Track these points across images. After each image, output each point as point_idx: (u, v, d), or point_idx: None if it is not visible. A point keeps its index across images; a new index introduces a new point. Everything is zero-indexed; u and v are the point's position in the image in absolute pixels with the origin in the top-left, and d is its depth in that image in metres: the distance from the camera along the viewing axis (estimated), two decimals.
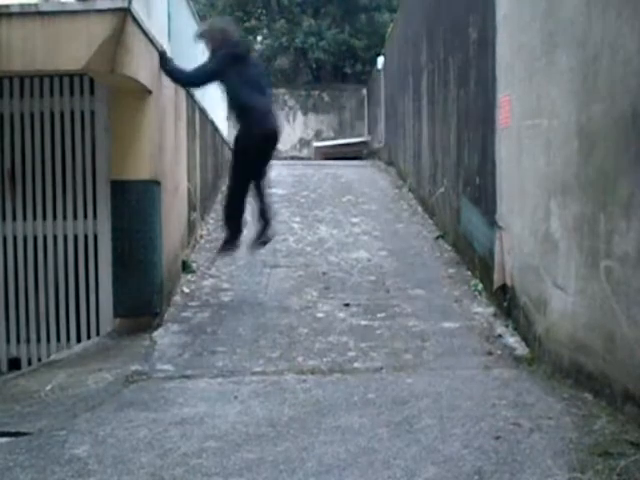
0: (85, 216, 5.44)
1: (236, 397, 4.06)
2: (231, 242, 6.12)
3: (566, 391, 3.89)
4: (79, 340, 5.41)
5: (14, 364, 5.40)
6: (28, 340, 5.44)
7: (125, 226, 5.29)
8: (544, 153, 4.39)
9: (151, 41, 5.30)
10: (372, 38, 19.47)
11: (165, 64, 5.63)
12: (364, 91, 19.57)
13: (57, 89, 5.42)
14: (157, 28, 5.54)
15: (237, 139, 5.86)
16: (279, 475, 3.03)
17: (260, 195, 6.09)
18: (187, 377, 4.46)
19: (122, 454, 3.28)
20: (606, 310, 3.58)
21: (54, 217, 5.44)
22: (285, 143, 18.56)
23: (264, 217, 6.13)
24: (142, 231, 5.32)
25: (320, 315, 5.67)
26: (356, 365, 4.64)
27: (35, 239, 5.45)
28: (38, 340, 5.44)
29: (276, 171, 12.09)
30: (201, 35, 6.15)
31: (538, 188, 4.51)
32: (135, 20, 4.75)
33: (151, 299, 5.37)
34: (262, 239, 6.19)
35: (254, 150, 5.79)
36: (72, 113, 5.43)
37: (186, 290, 6.31)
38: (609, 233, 3.54)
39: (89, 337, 5.42)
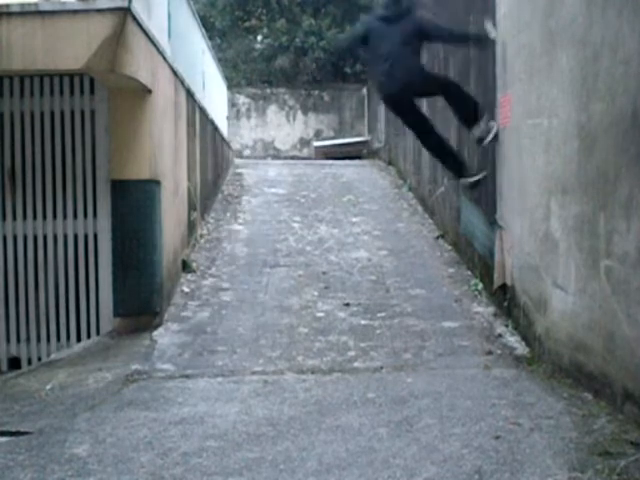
0: (85, 215, 5.45)
1: (236, 396, 4.06)
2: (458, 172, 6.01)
3: (566, 391, 3.90)
4: (79, 339, 5.41)
5: (14, 363, 5.40)
6: (28, 339, 5.45)
7: (125, 226, 5.30)
8: (544, 153, 4.39)
9: (151, 41, 5.30)
10: None
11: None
12: (364, 91, 19.52)
13: (57, 89, 5.42)
14: (157, 28, 5.54)
15: None
16: (279, 475, 3.03)
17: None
18: (187, 376, 4.46)
19: (122, 453, 3.28)
20: (606, 310, 3.58)
21: (54, 216, 5.45)
22: (285, 143, 18.57)
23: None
24: (142, 230, 5.33)
25: (320, 315, 5.67)
26: (356, 365, 4.64)
27: (35, 238, 5.45)
28: (38, 339, 5.45)
29: (276, 170, 12.20)
30: None
31: (538, 188, 4.51)
32: (135, 20, 4.75)
33: (151, 298, 5.37)
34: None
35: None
36: (72, 113, 5.44)
37: (186, 289, 6.31)
38: (609, 233, 3.54)
39: (89, 336, 5.43)
